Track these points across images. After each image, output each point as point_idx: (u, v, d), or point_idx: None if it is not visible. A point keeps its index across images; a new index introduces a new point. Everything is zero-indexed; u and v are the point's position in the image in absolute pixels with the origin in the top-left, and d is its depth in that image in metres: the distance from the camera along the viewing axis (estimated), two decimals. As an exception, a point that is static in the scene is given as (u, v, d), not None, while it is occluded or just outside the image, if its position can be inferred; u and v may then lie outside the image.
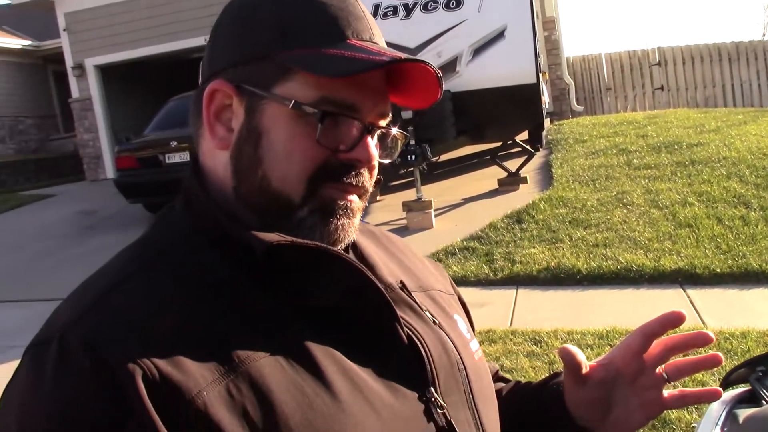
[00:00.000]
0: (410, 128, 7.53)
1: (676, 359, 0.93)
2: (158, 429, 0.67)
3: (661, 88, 15.44)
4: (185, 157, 9.11)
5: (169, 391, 0.68)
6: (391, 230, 7.52)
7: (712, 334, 0.90)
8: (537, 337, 4.61)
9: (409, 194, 8.21)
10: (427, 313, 0.92)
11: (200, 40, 13.56)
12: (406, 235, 7.38)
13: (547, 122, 11.02)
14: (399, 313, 0.85)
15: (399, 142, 0.93)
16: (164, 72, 15.53)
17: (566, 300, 5.44)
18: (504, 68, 7.97)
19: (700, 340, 0.91)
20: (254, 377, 0.72)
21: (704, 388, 0.92)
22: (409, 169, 8.20)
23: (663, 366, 0.94)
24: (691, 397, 0.94)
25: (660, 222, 6.68)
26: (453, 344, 0.90)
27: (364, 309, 0.83)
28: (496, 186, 8.77)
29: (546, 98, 10.80)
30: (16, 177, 16.24)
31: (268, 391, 0.72)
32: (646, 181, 7.95)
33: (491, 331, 4.78)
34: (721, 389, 0.91)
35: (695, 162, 8.34)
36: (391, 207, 8.44)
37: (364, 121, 0.84)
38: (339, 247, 0.85)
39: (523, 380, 1.14)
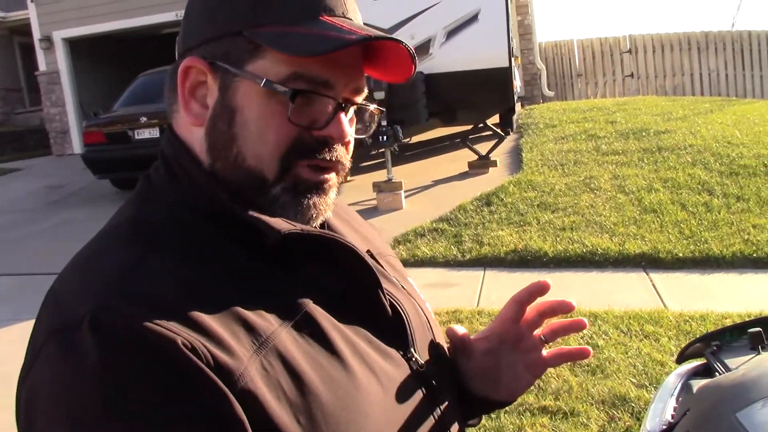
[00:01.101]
0: (383, 109, 7.53)
1: (551, 324, 1.01)
2: (232, 403, 0.68)
3: (631, 75, 15.60)
4: (155, 133, 9.03)
5: (220, 369, 0.69)
6: (361, 210, 7.57)
7: (574, 303, 0.97)
8: (503, 317, 4.68)
9: (380, 175, 8.23)
10: (393, 278, 0.96)
11: (171, 15, 13.38)
12: (375, 216, 7.41)
13: (518, 106, 11.10)
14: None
15: (376, 117, 0.94)
16: (134, 47, 15.32)
17: (532, 282, 5.50)
18: (477, 51, 8.01)
19: (565, 307, 0.97)
20: (281, 352, 0.74)
21: (578, 347, 1.00)
22: (381, 150, 8.23)
23: (540, 330, 1.01)
24: (567, 354, 1.01)
25: (626, 207, 6.79)
26: (418, 305, 0.96)
27: (354, 282, 0.87)
28: (466, 168, 8.82)
29: (517, 82, 10.87)
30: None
31: (296, 365, 0.75)
32: (614, 166, 8.06)
33: (458, 311, 4.85)
34: (589, 348, 0.99)
35: (662, 149, 8.46)
36: (361, 188, 8.46)
37: (338, 98, 0.84)
38: (313, 224, 0.86)
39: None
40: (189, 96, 0.85)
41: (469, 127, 9.34)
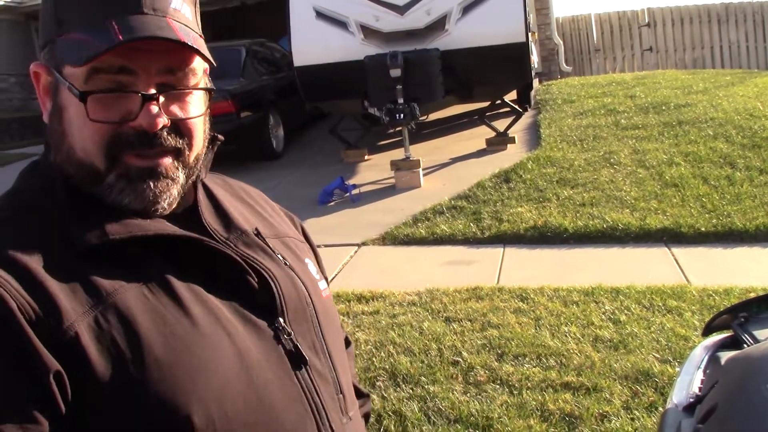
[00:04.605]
0: (399, 87, 7.49)
1: None
2: (41, 355, 0.77)
3: (650, 49, 15.39)
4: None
5: (42, 324, 0.79)
6: (379, 189, 7.56)
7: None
8: (524, 294, 4.66)
9: (398, 153, 8.20)
10: (279, 256, 1.05)
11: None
12: (394, 194, 7.39)
13: (535, 82, 10.99)
14: (252, 254, 1.00)
15: (204, 95, 0.98)
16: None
17: (552, 258, 5.48)
18: (493, 27, 7.91)
19: None
20: (120, 308, 0.84)
21: None
22: (398, 128, 8.18)
23: None
24: None
25: (646, 181, 6.72)
26: (302, 282, 1.05)
27: (212, 261, 0.95)
28: (484, 146, 8.76)
29: (535, 58, 10.75)
30: (1, 136, 16.07)
31: (134, 321, 0.84)
32: (634, 141, 7.97)
33: (478, 288, 4.82)
34: None
35: (682, 122, 8.36)
36: (379, 166, 8.43)
37: (145, 89, 0.89)
38: (160, 205, 0.94)
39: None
40: (45, 96, 0.96)
41: (487, 103, 9.26)
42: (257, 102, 9.51)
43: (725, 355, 1.49)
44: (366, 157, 9.04)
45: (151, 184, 0.92)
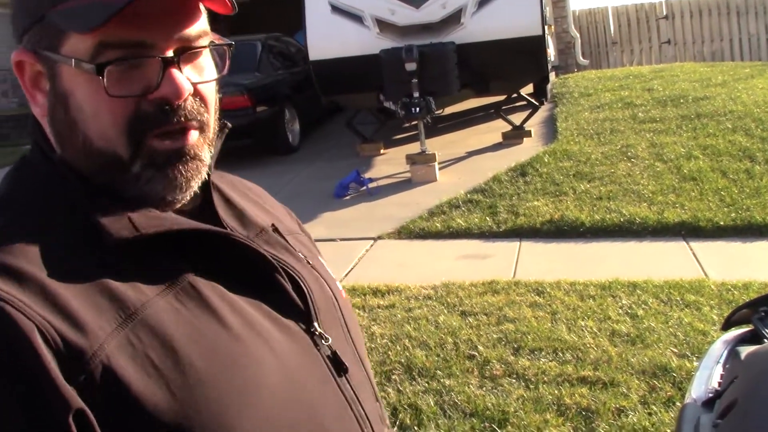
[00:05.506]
0: (414, 81, 7.47)
1: None
2: (59, 387, 0.65)
3: (668, 42, 15.26)
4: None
5: (68, 348, 0.67)
6: (395, 183, 7.55)
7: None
8: (540, 288, 4.64)
9: (413, 147, 8.18)
10: (300, 254, 0.94)
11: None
12: (410, 188, 7.37)
13: (552, 76, 10.92)
14: (276, 253, 0.89)
15: (225, 51, 0.87)
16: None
17: (569, 252, 5.46)
18: (509, 20, 7.86)
19: None
20: (152, 322, 0.72)
21: None
22: (413, 122, 8.15)
23: None
24: None
25: (664, 175, 6.67)
26: (326, 283, 0.95)
27: (238, 261, 0.84)
28: (501, 139, 8.72)
29: (551, 51, 10.69)
30: (19, 131, 16.19)
31: (169, 337, 0.72)
32: (651, 134, 7.91)
33: (494, 282, 4.81)
34: None
35: (701, 115, 8.28)
36: (394, 160, 8.42)
37: (162, 54, 0.77)
38: (191, 191, 0.84)
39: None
40: (33, 89, 0.83)
41: (503, 97, 9.21)
42: (273, 96, 9.53)
43: (745, 350, 1.48)
44: (382, 150, 9.03)
45: (181, 168, 0.80)
